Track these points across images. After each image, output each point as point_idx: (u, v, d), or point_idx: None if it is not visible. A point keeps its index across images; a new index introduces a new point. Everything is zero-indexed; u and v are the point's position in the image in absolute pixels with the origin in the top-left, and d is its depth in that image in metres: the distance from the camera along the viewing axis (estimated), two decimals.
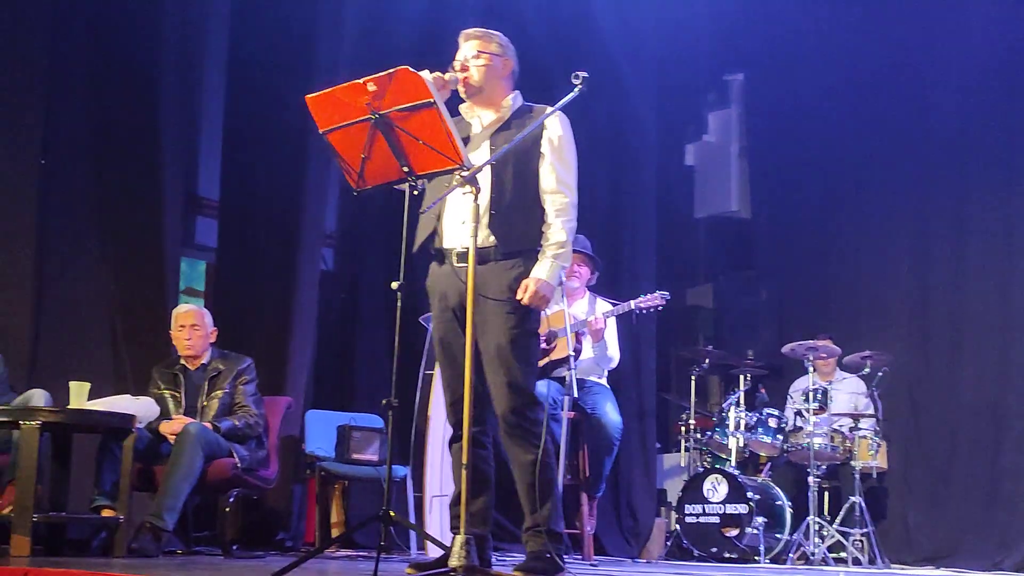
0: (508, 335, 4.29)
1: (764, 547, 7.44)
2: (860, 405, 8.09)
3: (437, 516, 6.69)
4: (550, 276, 4.31)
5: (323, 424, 7.24)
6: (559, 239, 4.36)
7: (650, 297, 6.83)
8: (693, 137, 10.48)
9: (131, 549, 5.37)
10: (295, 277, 7.65)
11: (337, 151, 4.14)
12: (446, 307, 4.44)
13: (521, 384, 4.30)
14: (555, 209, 4.39)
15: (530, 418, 4.31)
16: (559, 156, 4.43)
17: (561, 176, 4.42)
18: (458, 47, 4.56)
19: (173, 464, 5.66)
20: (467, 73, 4.46)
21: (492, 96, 4.52)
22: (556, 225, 4.37)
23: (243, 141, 7.88)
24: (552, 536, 4.31)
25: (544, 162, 4.42)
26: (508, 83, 4.57)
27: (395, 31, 8.16)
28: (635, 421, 8.63)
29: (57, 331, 6.81)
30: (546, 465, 4.31)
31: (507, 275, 4.33)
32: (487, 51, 4.50)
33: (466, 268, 4.28)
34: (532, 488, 4.28)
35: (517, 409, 4.28)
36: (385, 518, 3.93)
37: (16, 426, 5.30)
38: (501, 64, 4.52)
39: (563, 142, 4.46)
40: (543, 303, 4.32)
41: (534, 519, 4.31)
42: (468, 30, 4.58)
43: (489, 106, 4.54)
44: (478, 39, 4.52)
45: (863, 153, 8.98)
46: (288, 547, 7.13)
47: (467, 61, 4.48)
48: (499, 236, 4.33)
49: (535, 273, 4.31)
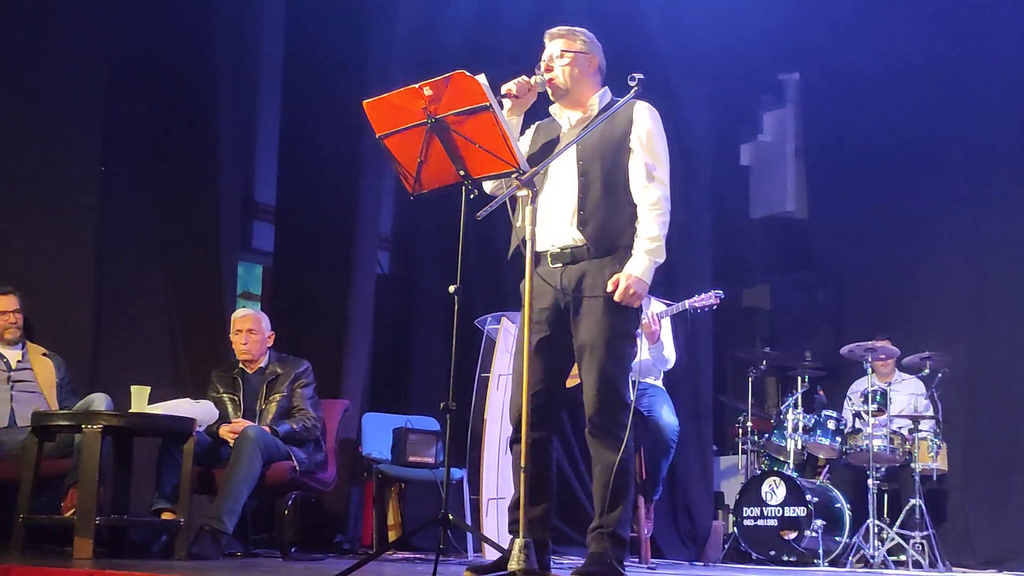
0: (603, 336, 4.22)
1: (823, 550, 7.38)
2: (920, 406, 8.00)
3: (494, 519, 6.69)
4: (644, 273, 4.22)
5: (379, 427, 7.27)
6: (651, 234, 4.27)
7: (704, 296, 6.78)
8: (748, 137, 10.41)
9: (191, 552, 5.40)
10: (351, 280, 7.69)
11: (393, 155, 4.15)
12: (541, 308, 4.34)
13: (612, 385, 4.22)
14: (647, 203, 4.30)
15: (618, 421, 4.23)
16: (649, 149, 4.35)
17: (652, 170, 4.33)
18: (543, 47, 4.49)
19: (232, 467, 5.69)
20: (552, 74, 4.40)
21: (579, 95, 4.45)
22: (648, 220, 4.29)
23: (299, 146, 7.94)
24: (616, 540, 4.23)
25: (634, 157, 4.34)
26: (595, 80, 4.49)
27: (447, 33, 8.18)
28: (692, 423, 8.58)
29: (117, 336, 6.90)
30: (625, 470, 4.24)
31: (602, 274, 4.26)
32: (571, 50, 4.43)
33: (560, 269, 4.31)
34: (610, 490, 4.20)
35: (605, 410, 4.22)
36: (443, 521, 3.93)
37: (78, 430, 5.36)
38: (587, 62, 4.45)
39: (652, 135, 4.37)
40: (637, 300, 4.24)
41: (602, 520, 4.24)
42: (552, 29, 4.50)
43: (576, 106, 4.46)
44: (562, 38, 4.45)
45: (920, 151, 8.87)
46: (346, 549, 7.17)
47: (552, 61, 4.42)
48: (589, 235, 4.27)
49: (628, 269, 4.22)
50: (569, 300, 4.29)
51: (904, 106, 8.96)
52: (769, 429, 8.26)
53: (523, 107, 4.41)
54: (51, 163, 6.78)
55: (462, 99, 3.92)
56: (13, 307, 6.22)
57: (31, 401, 6.07)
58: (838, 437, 7.86)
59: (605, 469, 4.23)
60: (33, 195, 6.74)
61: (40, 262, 6.69)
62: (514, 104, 4.34)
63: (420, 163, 4.10)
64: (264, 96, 8.18)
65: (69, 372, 6.34)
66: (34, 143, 6.76)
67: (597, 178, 4.30)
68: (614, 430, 4.23)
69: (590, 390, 4.25)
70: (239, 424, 5.99)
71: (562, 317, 4.33)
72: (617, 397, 4.25)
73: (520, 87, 4.30)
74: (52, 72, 6.81)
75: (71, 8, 6.90)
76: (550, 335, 4.33)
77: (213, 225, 7.28)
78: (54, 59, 6.82)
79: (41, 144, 6.77)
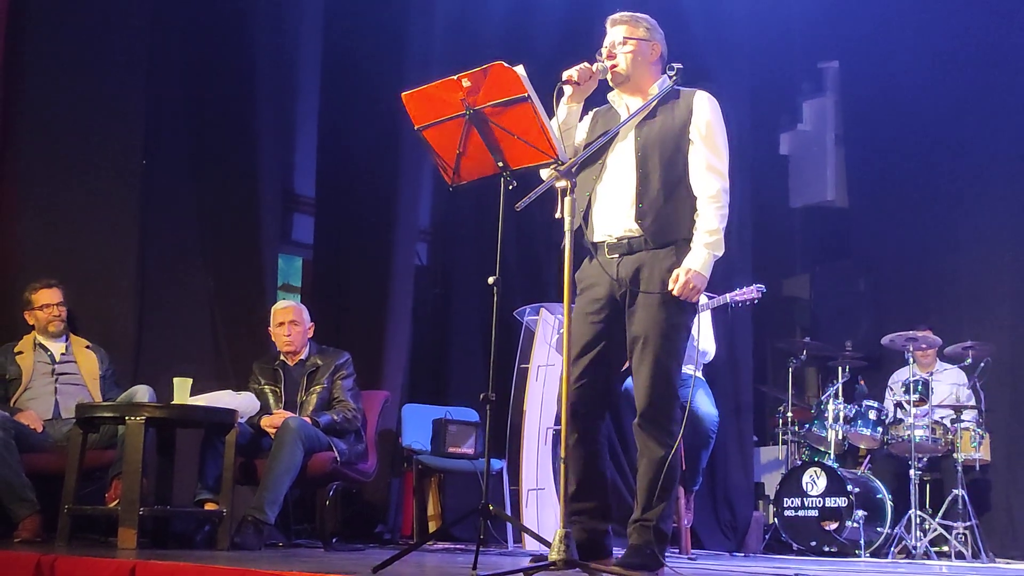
0: (658, 328, 4.17)
1: (864, 541, 7.35)
2: (962, 396, 7.95)
3: (534, 509, 6.70)
4: (703, 266, 4.18)
5: (419, 418, 7.29)
6: (711, 227, 4.22)
7: (746, 290, 6.76)
8: (788, 126, 10.34)
9: (234, 542, 5.44)
10: (390, 272, 7.71)
11: (432, 147, 4.16)
12: (595, 299, 4.30)
13: (666, 378, 4.19)
14: (707, 196, 4.25)
15: (668, 415, 4.20)
16: (709, 141, 4.30)
17: (711, 162, 4.28)
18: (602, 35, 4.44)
19: (274, 458, 5.72)
20: (614, 61, 4.35)
21: (640, 83, 4.39)
22: (708, 212, 4.24)
23: (338, 138, 7.97)
24: (659, 534, 4.20)
25: (693, 148, 4.29)
26: (656, 68, 4.43)
27: (485, 24, 8.19)
28: (731, 414, 8.55)
29: (160, 328, 6.95)
30: (673, 464, 4.20)
31: (659, 265, 4.22)
32: (634, 36, 4.37)
33: (616, 259, 4.26)
34: (655, 483, 4.17)
35: (657, 403, 4.18)
36: (484, 511, 3.93)
37: (122, 422, 5.41)
38: (649, 49, 4.39)
39: (712, 126, 4.32)
40: (695, 294, 4.20)
41: (646, 514, 4.20)
42: (615, 15, 4.43)
43: (636, 93, 4.40)
44: (625, 24, 4.39)
45: (962, 139, 8.80)
46: (386, 540, 7.19)
47: (614, 48, 4.37)
48: (647, 226, 4.23)
49: (687, 263, 4.17)
50: (625, 291, 4.25)
51: (944, 94, 8.89)
52: (810, 419, 8.23)
53: (584, 94, 4.36)
54: (94, 158, 6.84)
55: (501, 90, 3.92)
56: (57, 300, 6.28)
57: (75, 393, 6.13)
58: (879, 427, 7.82)
59: (653, 463, 4.20)
60: (76, 190, 6.80)
61: (83, 256, 6.75)
62: (575, 91, 4.30)
63: (459, 154, 4.10)
64: (303, 89, 8.22)
65: (112, 364, 6.40)
66: (77, 139, 6.82)
67: (656, 168, 4.26)
68: (665, 424, 4.20)
69: (643, 382, 4.20)
70: (280, 415, 6.03)
71: (617, 308, 4.29)
72: (670, 390, 4.21)
73: (582, 74, 4.25)
74: (94, 69, 6.87)
75: (113, 7, 6.94)
76: (604, 326, 4.29)
77: (253, 218, 7.32)
78: (96, 57, 6.88)
79: (84, 140, 6.83)
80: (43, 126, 6.77)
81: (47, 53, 6.81)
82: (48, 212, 6.73)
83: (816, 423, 8.03)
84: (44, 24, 6.83)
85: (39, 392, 6.11)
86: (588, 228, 4.33)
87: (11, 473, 5.55)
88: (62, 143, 6.79)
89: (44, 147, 6.76)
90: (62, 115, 6.80)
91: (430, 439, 7.02)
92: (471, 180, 4.21)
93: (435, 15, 8.08)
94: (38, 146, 6.75)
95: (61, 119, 6.79)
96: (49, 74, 6.80)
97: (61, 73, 6.81)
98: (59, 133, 6.79)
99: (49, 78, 6.79)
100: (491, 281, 4.05)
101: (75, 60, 6.84)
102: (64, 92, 6.81)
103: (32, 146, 6.75)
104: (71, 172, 6.80)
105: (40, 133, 6.77)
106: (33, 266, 6.53)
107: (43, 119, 6.77)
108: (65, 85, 6.81)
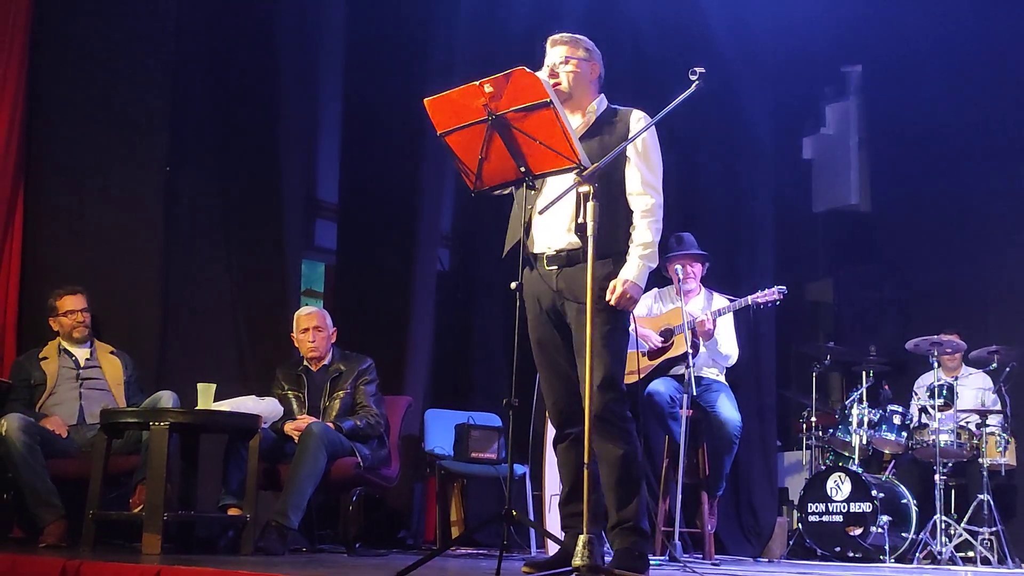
0: (597, 332, 4.23)
1: (889, 546, 7.31)
2: (987, 401, 7.90)
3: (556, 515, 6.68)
4: (637, 277, 4.31)
5: (442, 423, 7.30)
6: (645, 240, 4.35)
7: (767, 292, 6.75)
8: (811, 130, 10.31)
9: (257, 547, 5.46)
10: (412, 278, 7.72)
11: (455, 153, 4.17)
12: (540, 310, 4.48)
13: (610, 380, 4.29)
14: (641, 211, 4.39)
15: (619, 414, 4.30)
16: (644, 158, 4.42)
17: (646, 178, 4.41)
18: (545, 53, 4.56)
19: (297, 463, 5.73)
20: (556, 79, 4.46)
21: (580, 101, 4.52)
22: (643, 226, 4.37)
23: (361, 144, 7.99)
24: (640, 533, 4.30)
25: (629, 164, 4.41)
26: (595, 87, 4.58)
27: (507, 30, 8.19)
28: (755, 419, 8.52)
29: (184, 334, 6.98)
30: (634, 461, 4.30)
31: (596, 275, 4.22)
32: (575, 56, 4.51)
33: (554, 271, 4.40)
34: (620, 484, 4.28)
35: (607, 405, 4.26)
36: (507, 517, 3.94)
37: (146, 427, 5.44)
38: (589, 69, 4.53)
39: (647, 144, 4.44)
40: (631, 304, 4.33)
41: (621, 516, 4.29)
42: (555, 35, 4.59)
43: (576, 111, 4.52)
44: (565, 44, 4.53)
45: (986, 142, 8.76)
46: (409, 545, 7.20)
47: (556, 67, 4.50)
48: (584, 240, 4.27)
49: (623, 274, 4.30)
50: (563, 302, 4.38)
51: (968, 97, 8.84)
52: (833, 424, 8.20)
53: None
54: (118, 165, 6.89)
55: (523, 95, 3.93)
56: (82, 306, 6.32)
57: (100, 399, 6.17)
58: (904, 432, 7.78)
59: (613, 463, 4.29)
60: (101, 196, 6.85)
61: (108, 262, 6.79)
62: None
63: (481, 160, 4.11)
64: (326, 95, 8.24)
65: (136, 370, 6.44)
66: (102, 147, 6.86)
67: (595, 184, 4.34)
68: (618, 423, 4.30)
69: (591, 388, 4.24)
70: (304, 421, 6.04)
71: (561, 317, 4.43)
72: (617, 391, 4.32)
73: None
74: (119, 78, 6.91)
75: (137, 15, 6.98)
76: (557, 336, 4.46)
77: (277, 224, 7.35)
78: (121, 66, 6.92)
79: (108, 147, 6.88)
80: (67, 134, 6.83)
81: (71, 62, 6.87)
82: (73, 219, 6.79)
83: (840, 428, 8.00)
84: (68, 34, 6.90)
85: (64, 398, 6.15)
86: (529, 240, 4.46)
87: (36, 479, 5.59)
88: (87, 151, 6.84)
89: (69, 155, 6.82)
90: (86, 123, 6.85)
91: (453, 444, 7.03)
92: (494, 185, 4.23)
93: (457, 22, 8.09)
94: (63, 154, 6.81)
95: (85, 127, 6.85)
96: (73, 82, 6.86)
97: (85, 81, 6.87)
98: (84, 141, 6.84)
99: (74, 86, 6.85)
100: (513, 286, 4.09)
101: (99, 69, 6.89)
102: (88, 101, 6.86)
103: (57, 154, 6.81)
104: (96, 179, 6.85)
105: (65, 141, 6.83)
106: (58, 272, 6.58)
107: (67, 127, 6.84)
108: (89, 93, 6.87)
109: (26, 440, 5.59)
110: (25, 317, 6.62)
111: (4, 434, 5.59)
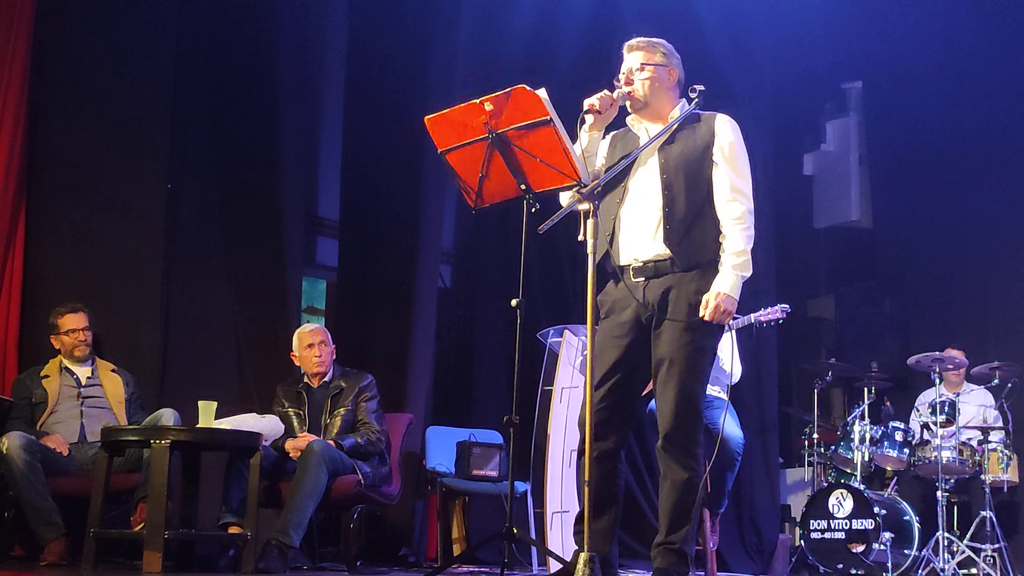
0: (684, 351, 4.16)
1: (892, 563, 7.28)
2: (989, 418, 7.88)
3: (558, 532, 6.68)
4: (732, 288, 4.20)
5: (443, 440, 7.29)
6: (738, 248, 4.25)
7: (771, 310, 6.73)
8: (811, 147, 10.34)
9: (258, 566, 5.42)
10: (414, 295, 7.72)
11: (455, 170, 4.17)
12: (621, 322, 4.30)
13: (690, 402, 4.18)
14: (732, 218, 4.27)
15: (692, 437, 4.20)
16: (732, 163, 4.32)
17: (735, 183, 4.30)
18: (622, 59, 4.46)
19: (298, 481, 5.72)
20: (632, 87, 4.37)
21: (659, 108, 4.41)
22: (734, 234, 4.26)
23: (361, 162, 8.00)
24: (682, 557, 4.20)
25: (717, 170, 4.31)
26: (674, 92, 4.45)
27: (507, 48, 8.21)
28: (757, 435, 8.52)
29: (185, 352, 6.98)
30: (696, 488, 4.20)
31: (686, 289, 4.22)
32: (651, 62, 4.39)
33: (642, 283, 4.26)
34: (677, 507, 4.18)
35: (681, 426, 4.17)
36: (508, 534, 3.93)
37: (147, 445, 5.43)
38: (666, 74, 4.42)
39: (735, 148, 4.34)
40: (727, 317, 4.20)
41: (669, 537, 4.21)
42: (632, 41, 4.46)
43: (656, 118, 4.42)
44: (642, 50, 4.42)
45: (987, 158, 8.77)
46: (411, 563, 7.19)
47: (632, 74, 4.40)
48: (675, 249, 4.23)
49: (717, 286, 4.19)
50: (651, 315, 4.24)
51: (969, 113, 8.86)
52: (835, 441, 8.17)
53: (605, 121, 4.37)
54: (119, 183, 6.89)
55: (523, 113, 3.93)
56: (83, 324, 6.32)
57: (101, 417, 6.16)
58: (906, 448, 7.76)
59: (676, 485, 4.20)
60: (102, 215, 6.86)
61: (109, 280, 6.79)
62: (596, 119, 4.30)
63: (481, 178, 4.11)
64: (327, 112, 8.26)
65: (137, 388, 6.43)
66: (102, 164, 6.88)
67: (682, 192, 4.26)
68: (688, 447, 4.20)
69: (667, 405, 4.19)
70: (304, 438, 6.03)
71: (643, 332, 4.28)
72: (694, 413, 4.20)
73: (603, 101, 4.26)
74: (119, 94, 6.93)
75: (137, 32, 7.00)
76: (630, 350, 4.28)
77: (277, 241, 7.35)
78: (121, 82, 6.94)
79: (109, 165, 6.89)
80: (68, 152, 6.84)
81: (72, 79, 6.89)
82: (74, 237, 6.79)
83: (842, 444, 7.98)
84: (68, 50, 6.92)
85: (65, 416, 6.15)
86: (614, 251, 4.32)
87: (37, 496, 5.57)
88: (88, 169, 6.85)
89: (70, 172, 6.83)
90: (87, 141, 6.87)
91: (454, 461, 7.02)
92: (494, 203, 4.22)
93: (458, 39, 8.11)
94: (64, 172, 6.82)
95: (86, 145, 6.86)
96: (74, 99, 6.87)
97: (86, 98, 6.88)
98: (84, 159, 6.85)
99: (74, 103, 6.87)
100: (514, 303, 4.07)
101: (100, 86, 6.91)
102: (89, 118, 6.88)
103: (58, 172, 6.82)
104: (97, 197, 6.86)
105: (66, 159, 6.84)
106: (59, 291, 6.58)
107: (68, 145, 6.85)
108: (90, 110, 6.88)
109: (27, 458, 5.58)
110: (26, 335, 6.61)
111: (5, 452, 5.58)
